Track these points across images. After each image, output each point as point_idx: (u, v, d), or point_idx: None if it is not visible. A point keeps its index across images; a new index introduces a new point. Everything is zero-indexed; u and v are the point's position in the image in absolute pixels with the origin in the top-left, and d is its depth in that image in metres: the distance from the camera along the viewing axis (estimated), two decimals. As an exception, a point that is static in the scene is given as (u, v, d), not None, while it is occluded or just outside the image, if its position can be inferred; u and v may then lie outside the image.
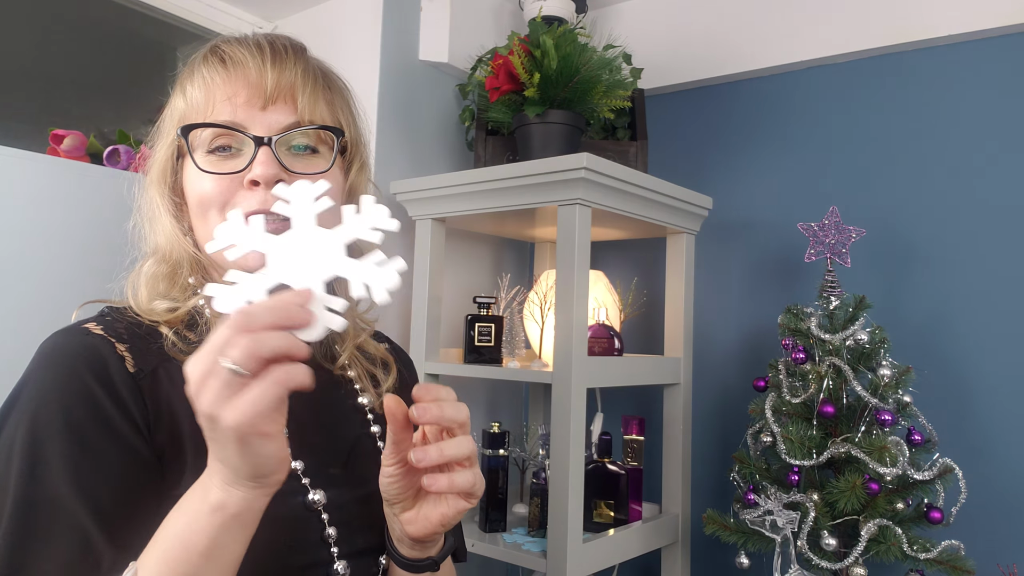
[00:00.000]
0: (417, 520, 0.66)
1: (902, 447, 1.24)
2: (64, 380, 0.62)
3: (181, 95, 0.73)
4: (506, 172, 1.38)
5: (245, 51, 0.71)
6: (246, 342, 0.48)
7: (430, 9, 1.75)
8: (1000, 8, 1.43)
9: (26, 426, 0.60)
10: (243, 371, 0.48)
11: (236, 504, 0.53)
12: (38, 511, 0.58)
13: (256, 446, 0.50)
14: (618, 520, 1.46)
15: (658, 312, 1.76)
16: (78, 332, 0.66)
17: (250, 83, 0.70)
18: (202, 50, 0.75)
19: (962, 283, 1.47)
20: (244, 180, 0.69)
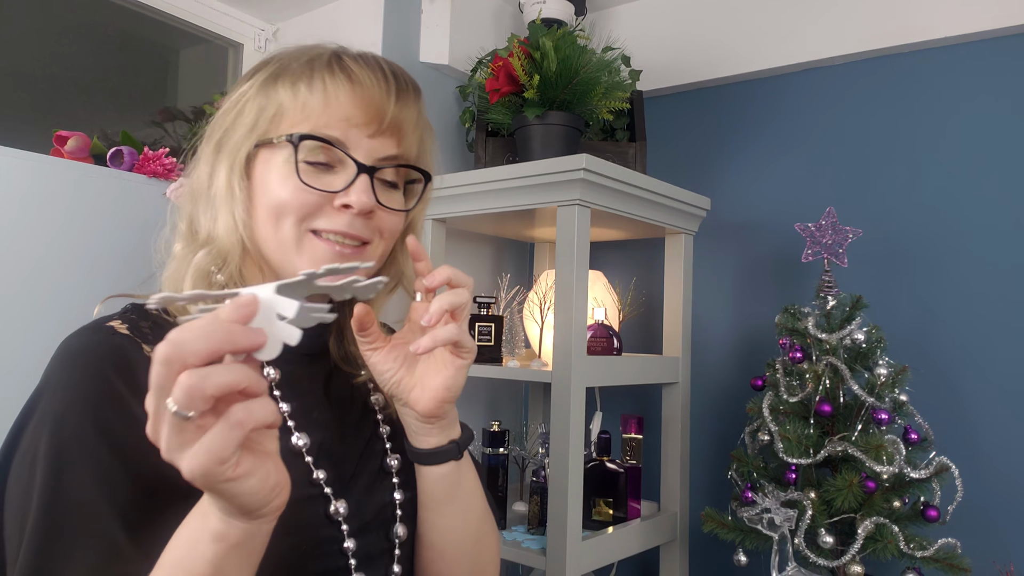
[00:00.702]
0: (423, 393, 0.68)
1: (898, 446, 1.24)
2: (91, 382, 0.61)
3: (288, 90, 0.70)
4: (506, 173, 1.39)
5: (372, 76, 0.71)
6: (186, 380, 0.42)
7: (430, 11, 1.76)
8: (1000, 9, 1.44)
9: (51, 428, 0.59)
10: (188, 414, 0.42)
11: (237, 535, 0.50)
12: (65, 516, 0.57)
13: (228, 489, 0.46)
14: (617, 518, 1.47)
15: (657, 312, 1.77)
16: (103, 331, 0.64)
17: (370, 110, 0.70)
18: (322, 53, 0.72)
19: (959, 283, 1.48)
20: (336, 201, 0.69)
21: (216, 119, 0.73)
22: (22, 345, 1.14)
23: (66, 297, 1.20)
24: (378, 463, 0.77)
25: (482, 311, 1.56)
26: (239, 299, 0.45)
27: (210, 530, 0.50)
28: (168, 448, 0.44)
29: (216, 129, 0.73)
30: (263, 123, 0.70)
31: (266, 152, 0.70)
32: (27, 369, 1.14)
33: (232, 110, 0.72)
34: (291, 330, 0.46)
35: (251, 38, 1.85)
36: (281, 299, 0.46)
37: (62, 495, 0.57)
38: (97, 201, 1.26)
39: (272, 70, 0.72)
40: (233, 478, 0.45)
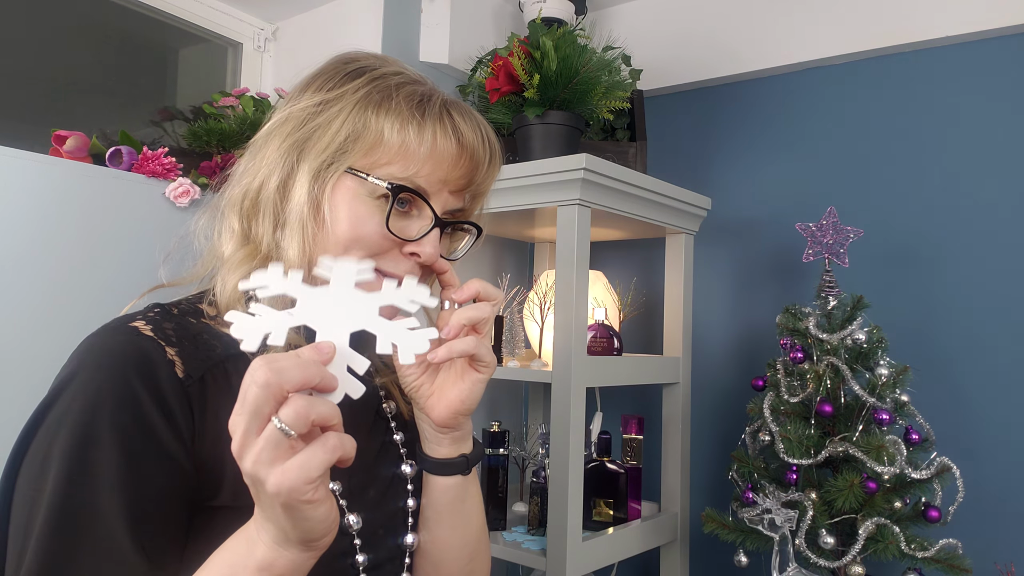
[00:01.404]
0: (439, 402, 0.69)
1: (900, 446, 1.24)
2: (112, 384, 0.59)
3: (392, 126, 0.68)
4: (506, 173, 1.38)
5: (476, 141, 0.72)
6: (299, 402, 0.47)
7: (430, 10, 1.75)
8: (1000, 8, 1.44)
9: (70, 428, 0.58)
10: (291, 433, 0.46)
11: (284, 566, 0.51)
12: (76, 519, 0.56)
13: (304, 511, 0.48)
14: (617, 519, 1.47)
15: (657, 312, 1.77)
16: (127, 331, 0.63)
17: (463, 172, 0.72)
18: (432, 97, 0.71)
19: (960, 283, 1.48)
20: (407, 248, 0.69)
21: (293, 114, 0.69)
22: (21, 344, 1.14)
23: (65, 296, 1.20)
24: (392, 470, 0.76)
25: (482, 311, 1.56)
26: (319, 344, 0.51)
27: (257, 559, 0.51)
28: (257, 462, 0.47)
29: (293, 130, 0.69)
30: (357, 148, 0.68)
31: (352, 180, 0.68)
32: (26, 368, 1.14)
33: (316, 116, 0.69)
34: (357, 385, 0.52)
35: (250, 37, 1.85)
36: (353, 353, 0.52)
37: (73, 499, 0.56)
38: (96, 201, 1.25)
39: (374, 93, 0.69)
40: (312, 500, 0.48)
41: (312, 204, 0.67)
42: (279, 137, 0.69)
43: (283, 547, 0.51)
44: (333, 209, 0.68)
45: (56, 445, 0.58)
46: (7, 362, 1.12)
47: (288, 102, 0.72)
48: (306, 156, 0.68)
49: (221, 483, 0.62)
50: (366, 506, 0.72)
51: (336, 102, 0.69)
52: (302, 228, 0.67)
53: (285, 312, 0.53)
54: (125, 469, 0.58)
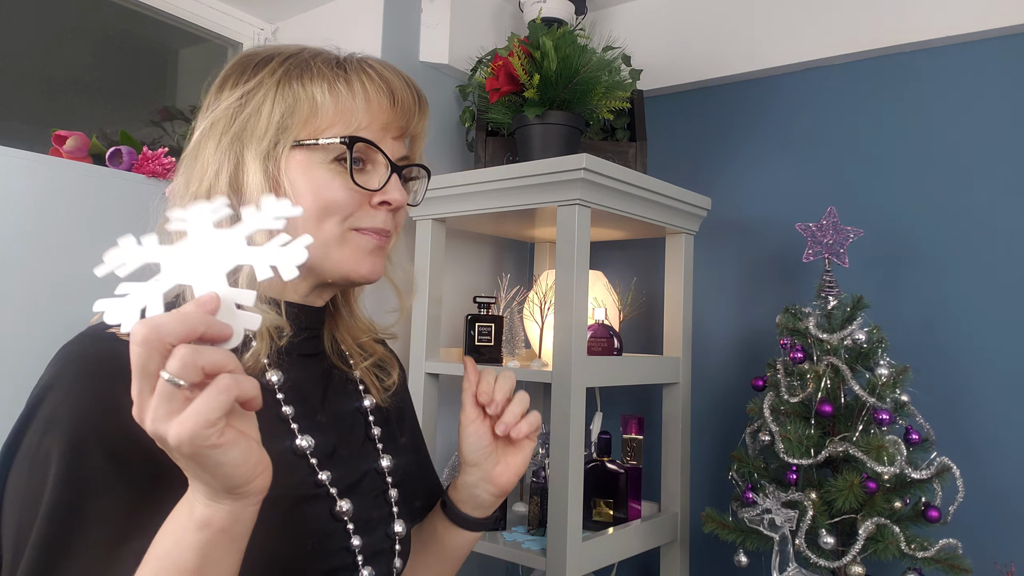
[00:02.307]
0: (507, 470, 0.77)
1: (900, 446, 1.24)
2: (95, 391, 0.59)
3: (322, 89, 0.70)
4: (506, 173, 1.38)
5: (403, 86, 0.75)
6: (182, 351, 0.45)
7: (430, 10, 1.75)
8: (1000, 8, 1.44)
9: (57, 435, 0.58)
10: (180, 383, 0.46)
11: (222, 519, 0.51)
12: (69, 524, 0.57)
13: (214, 457, 0.47)
14: (617, 519, 1.47)
15: (657, 312, 1.77)
16: (106, 338, 0.63)
17: (403, 118, 0.75)
18: (346, 56, 0.74)
19: (960, 283, 1.48)
20: (375, 199, 0.73)
21: (218, 115, 0.70)
22: (20, 344, 1.14)
23: (64, 297, 1.20)
24: (371, 465, 0.79)
25: (482, 311, 1.56)
26: (201, 298, 0.48)
27: (195, 519, 0.51)
28: (155, 418, 0.46)
29: (225, 128, 0.70)
30: (295, 121, 0.70)
31: (301, 152, 0.70)
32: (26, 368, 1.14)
33: (244, 106, 0.70)
34: (252, 317, 0.49)
35: (250, 37, 1.85)
36: (237, 291, 0.49)
37: (64, 505, 0.57)
38: (96, 201, 1.25)
39: (292, 68, 0.71)
40: (218, 444, 0.47)
41: (269, 187, 0.68)
42: (212, 139, 0.70)
43: (216, 501, 0.51)
44: (292, 185, 0.69)
45: (43, 452, 0.58)
46: (6, 362, 1.12)
47: (207, 110, 0.73)
48: (248, 144, 0.69)
49: None
50: (354, 495, 0.74)
51: (257, 88, 0.71)
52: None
53: (152, 280, 0.50)
54: (112, 475, 0.58)
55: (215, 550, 0.52)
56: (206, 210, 0.53)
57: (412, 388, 1.56)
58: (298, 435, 0.70)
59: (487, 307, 1.56)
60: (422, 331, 1.55)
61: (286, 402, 0.72)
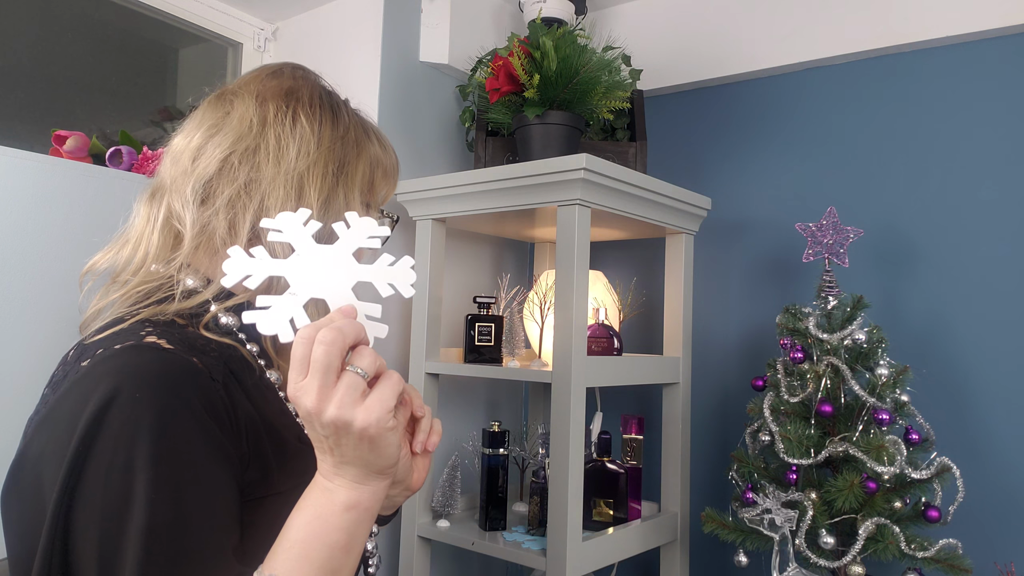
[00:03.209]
0: (419, 473, 0.77)
1: (900, 446, 1.24)
2: (167, 401, 0.59)
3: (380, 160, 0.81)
4: (506, 173, 1.38)
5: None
6: (370, 353, 0.56)
7: (430, 10, 1.75)
8: (1000, 8, 1.44)
9: (139, 449, 0.57)
10: (367, 376, 0.55)
11: (368, 499, 0.59)
12: (171, 539, 0.56)
13: (386, 439, 0.56)
14: (617, 519, 1.47)
15: (657, 312, 1.77)
16: (151, 348, 0.62)
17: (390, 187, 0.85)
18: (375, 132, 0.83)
19: (960, 283, 1.48)
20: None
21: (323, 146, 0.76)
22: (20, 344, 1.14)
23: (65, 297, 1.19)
24: None
25: (482, 311, 1.56)
26: (344, 309, 0.58)
27: (341, 501, 0.58)
28: (341, 406, 0.54)
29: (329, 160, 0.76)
30: (376, 180, 0.81)
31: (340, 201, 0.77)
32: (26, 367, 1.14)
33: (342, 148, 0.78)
34: (380, 327, 0.58)
35: (250, 37, 1.85)
36: (367, 304, 0.58)
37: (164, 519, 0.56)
38: (96, 201, 1.25)
39: (357, 121, 0.80)
40: (393, 427, 0.57)
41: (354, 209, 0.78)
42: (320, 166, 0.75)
43: (363, 483, 0.59)
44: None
45: (121, 467, 0.56)
46: (7, 362, 1.12)
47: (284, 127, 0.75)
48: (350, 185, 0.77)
49: (269, 473, 0.66)
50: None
51: (348, 132, 0.79)
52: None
53: (287, 293, 0.58)
54: (202, 482, 0.59)
55: (359, 527, 0.59)
56: (297, 221, 0.59)
57: (412, 388, 1.56)
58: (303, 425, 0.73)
59: (487, 307, 1.56)
60: (422, 331, 1.55)
61: (287, 399, 0.74)
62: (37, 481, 0.58)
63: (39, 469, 0.59)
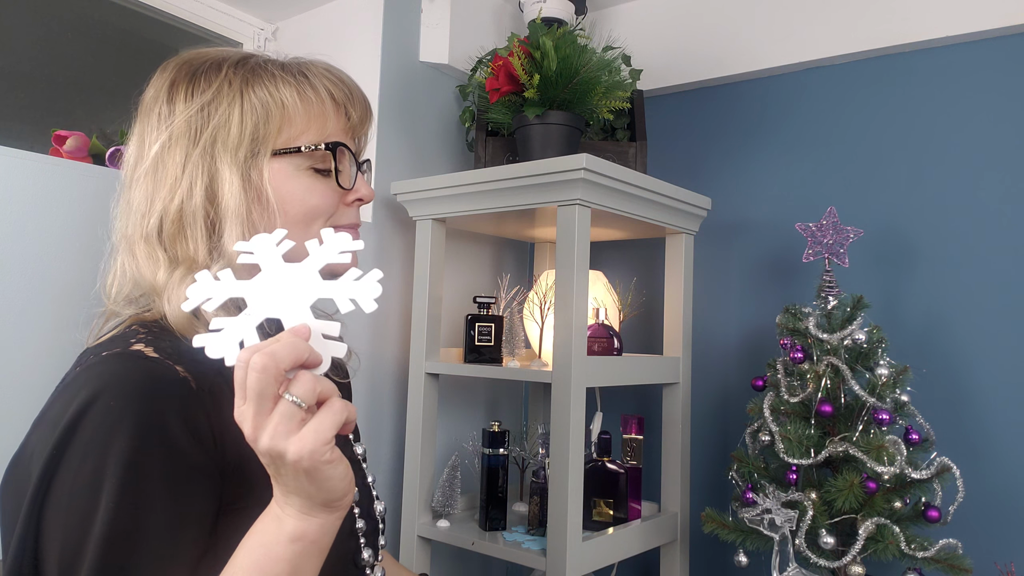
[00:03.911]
0: None
1: (900, 446, 1.24)
2: (141, 411, 0.59)
3: (287, 90, 0.71)
4: (506, 173, 1.38)
5: (360, 92, 0.79)
6: (308, 378, 0.52)
7: (430, 10, 1.75)
8: (1000, 8, 1.43)
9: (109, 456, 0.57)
10: (304, 405, 0.52)
11: (314, 531, 0.56)
12: (127, 545, 0.56)
13: (325, 472, 0.53)
14: (617, 519, 1.47)
15: (657, 312, 1.77)
16: (135, 356, 0.62)
17: (357, 118, 0.78)
18: (304, 59, 0.77)
19: (960, 283, 1.48)
20: (349, 198, 0.78)
21: (179, 128, 0.70)
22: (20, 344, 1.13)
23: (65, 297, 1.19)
24: (351, 452, 0.83)
25: (482, 311, 1.56)
26: (296, 329, 0.54)
27: (287, 532, 0.55)
28: (275, 436, 0.51)
29: (192, 139, 0.70)
30: (270, 130, 0.71)
31: (280, 160, 0.72)
32: (26, 368, 1.14)
33: (208, 117, 0.70)
34: (338, 345, 0.55)
35: (250, 37, 1.85)
36: (323, 322, 0.55)
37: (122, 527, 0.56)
38: (96, 201, 1.25)
39: (249, 76, 0.71)
40: (331, 460, 0.52)
41: (252, 197, 0.70)
42: (178, 153, 0.70)
43: (310, 514, 0.55)
44: (277, 193, 0.71)
45: (89, 472, 0.57)
46: (7, 362, 1.12)
47: (159, 122, 0.72)
48: (222, 156, 0.69)
49: (251, 484, 0.64)
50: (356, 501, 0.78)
51: (217, 98, 0.71)
52: (242, 223, 0.69)
53: (243, 315, 0.55)
54: (168, 494, 0.58)
55: (306, 561, 0.56)
56: (270, 242, 0.58)
57: (411, 388, 1.56)
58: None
59: (487, 307, 1.56)
60: (422, 331, 1.55)
61: None
62: (29, 479, 0.59)
63: (30, 468, 0.60)
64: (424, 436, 1.53)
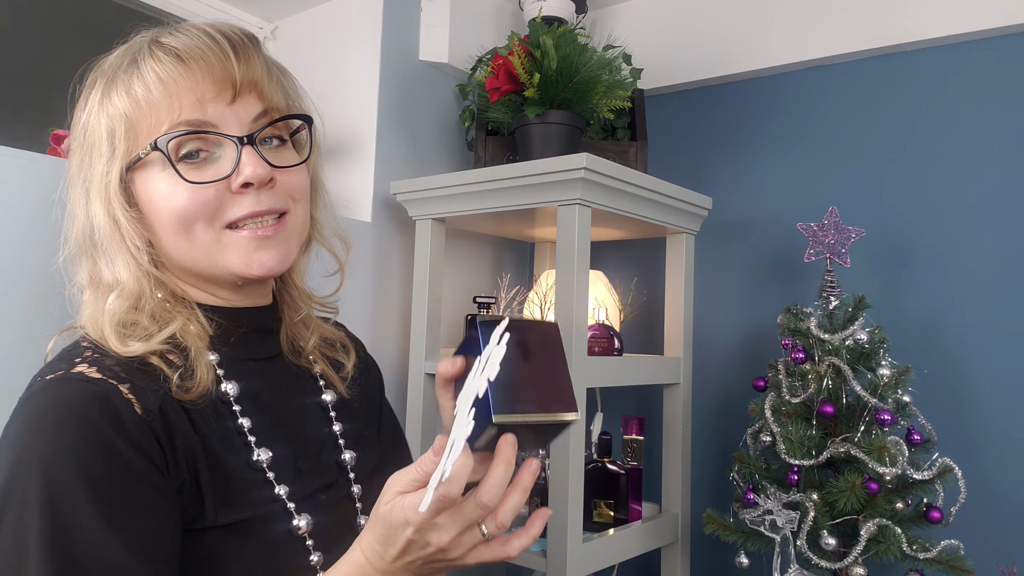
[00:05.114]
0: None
1: (901, 447, 1.24)
2: (83, 436, 0.57)
3: (125, 98, 0.66)
4: (506, 172, 1.38)
5: (201, 44, 0.67)
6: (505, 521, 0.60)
7: (430, 9, 1.75)
8: (1000, 8, 1.43)
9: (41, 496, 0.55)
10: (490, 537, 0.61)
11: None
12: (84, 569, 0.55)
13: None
14: (618, 520, 1.47)
15: (658, 312, 1.76)
16: (75, 379, 0.60)
17: (216, 78, 0.66)
18: (135, 44, 0.69)
19: (962, 283, 1.47)
20: (233, 185, 0.66)
21: (71, 162, 0.69)
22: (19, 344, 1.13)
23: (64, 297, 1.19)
24: (333, 459, 0.77)
25: (482, 311, 1.55)
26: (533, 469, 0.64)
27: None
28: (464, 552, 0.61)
29: (76, 171, 0.68)
30: (120, 144, 0.66)
31: (140, 172, 0.67)
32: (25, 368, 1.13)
33: (82, 144, 0.68)
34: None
35: (250, 37, 1.84)
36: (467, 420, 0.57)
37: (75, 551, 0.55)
38: (94, 201, 1.25)
39: (101, 86, 0.68)
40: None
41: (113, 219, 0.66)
42: (72, 189, 0.69)
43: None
44: (147, 206, 0.67)
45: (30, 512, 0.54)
46: (5, 362, 1.11)
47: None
48: (91, 184, 0.67)
49: (202, 505, 0.62)
50: (315, 507, 0.71)
51: (86, 123, 0.69)
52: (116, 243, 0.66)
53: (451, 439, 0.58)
54: (117, 512, 0.57)
55: None
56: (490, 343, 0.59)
57: (411, 388, 1.55)
58: (255, 448, 0.68)
59: (487, 307, 1.56)
60: (422, 331, 1.55)
61: (243, 414, 0.69)
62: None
63: None
64: (424, 436, 1.53)
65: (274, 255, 0.68)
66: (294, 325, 0.79)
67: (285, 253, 0.69)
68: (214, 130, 0.65)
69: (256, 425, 0.70)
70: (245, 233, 0.67)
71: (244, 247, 0.67)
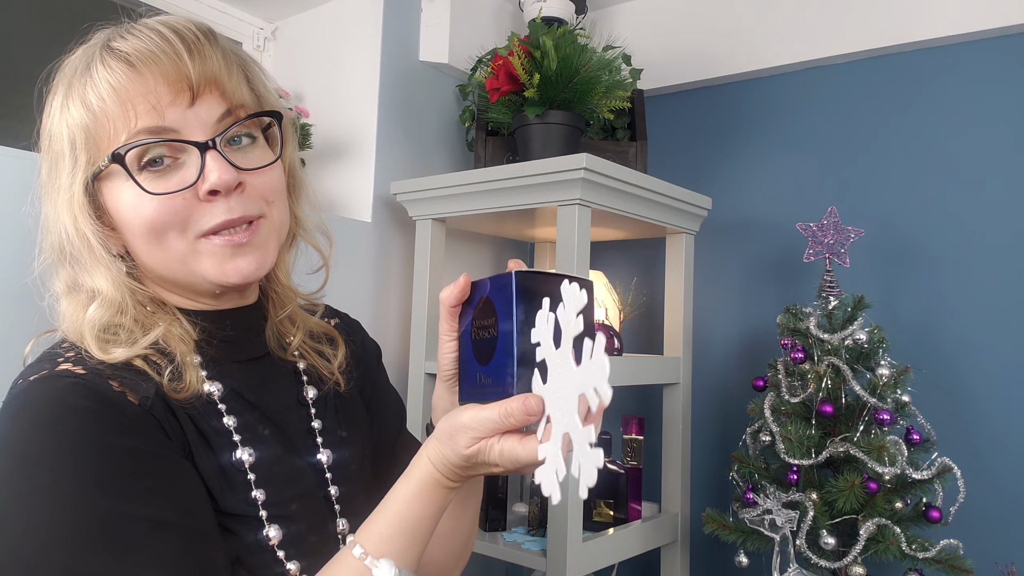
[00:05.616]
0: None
1: (900, 446, 1.24)
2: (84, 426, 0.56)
3: (80, 108, 0.63)
4: (506, 172, 1.38)
5: (152, 46, 0.62)
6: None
7: (430, 10, 1.75)
8: (1000, 8, 1.43)
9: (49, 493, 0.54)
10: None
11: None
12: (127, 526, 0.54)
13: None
14: (618, 519, 1.47)
15: (657, 312, 1.76)
16: (63, 376, 0.59)
17: (170, 81, 0.62)
18: (89, 48, 0.66)
19: (961, 283, 1.47)
20: (200, 192, 0.63)
21: (41, 170, 0.68)
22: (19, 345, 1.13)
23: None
24: (311, 459, 0.75)
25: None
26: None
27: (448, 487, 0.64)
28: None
29: (46, 179, 0.67)
30: (81, 155, 0.63)
31: (106, 182, 0.65)
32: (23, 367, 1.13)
33: (48, 151, 0.66)
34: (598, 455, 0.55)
35: (250, 37, 1.84)
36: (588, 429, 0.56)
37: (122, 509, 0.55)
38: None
39: (62, 92, 0.66)
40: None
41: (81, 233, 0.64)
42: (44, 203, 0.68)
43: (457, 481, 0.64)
44: (116, 219, 0.65)
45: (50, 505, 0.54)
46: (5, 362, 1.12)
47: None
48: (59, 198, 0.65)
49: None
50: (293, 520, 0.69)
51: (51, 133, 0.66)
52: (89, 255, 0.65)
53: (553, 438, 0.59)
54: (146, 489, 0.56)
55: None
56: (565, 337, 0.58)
57: (411, 388, 1.55)
58: (239, 447, 0.67)
59: (487, 307, 1.56)
60: (422, 331, 1.55)
61: (228, 412, 0.68)
62: None
63: None
64: (424, 436, 1.53)
65: (251, 261, 0.67)
66: (280, 322, 0.78)
67: (262, 258, 0.67)
68: (174, 136, 0.62)
69: (240, 424, 0.69)
70: (219, 241, 0.65)
71: (219, 255, 0.65)
